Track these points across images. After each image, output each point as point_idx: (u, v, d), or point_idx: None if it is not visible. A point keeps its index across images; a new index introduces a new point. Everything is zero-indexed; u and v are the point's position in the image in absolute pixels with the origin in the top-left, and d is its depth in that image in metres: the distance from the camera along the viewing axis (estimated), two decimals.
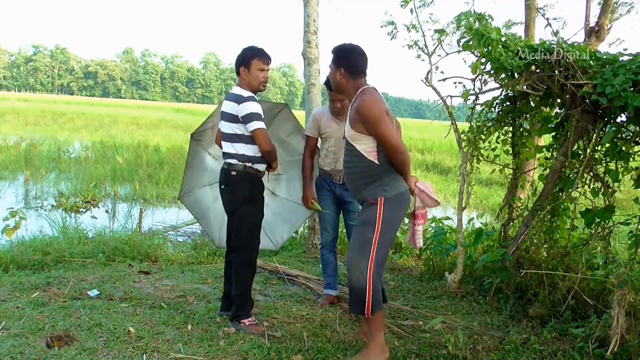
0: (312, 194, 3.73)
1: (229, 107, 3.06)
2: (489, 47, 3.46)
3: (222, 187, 3.16)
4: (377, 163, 2.65)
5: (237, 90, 3.08)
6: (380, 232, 2.63)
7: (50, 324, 2.93)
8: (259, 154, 3.10)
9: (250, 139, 3.04)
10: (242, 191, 3.08)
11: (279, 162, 3.33)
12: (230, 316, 3.20)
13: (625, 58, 3.27)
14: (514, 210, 4.33)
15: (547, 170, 3.93)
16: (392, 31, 4.09)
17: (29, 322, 2.96)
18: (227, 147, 3.10)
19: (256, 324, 3.16)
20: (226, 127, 3.08)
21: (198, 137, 3.73)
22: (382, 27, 4.13)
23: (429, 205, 2.83)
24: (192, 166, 3.80)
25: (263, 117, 3.05)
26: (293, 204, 4.04)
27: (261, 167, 3.15)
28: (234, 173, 3.07)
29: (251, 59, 3.08)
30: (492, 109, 4.10)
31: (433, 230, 5.49)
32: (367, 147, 2.64)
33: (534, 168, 4.86)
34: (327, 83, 3.40)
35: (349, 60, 2.70)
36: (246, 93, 3.04)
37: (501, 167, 4.31)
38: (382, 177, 2.67)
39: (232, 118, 3.03)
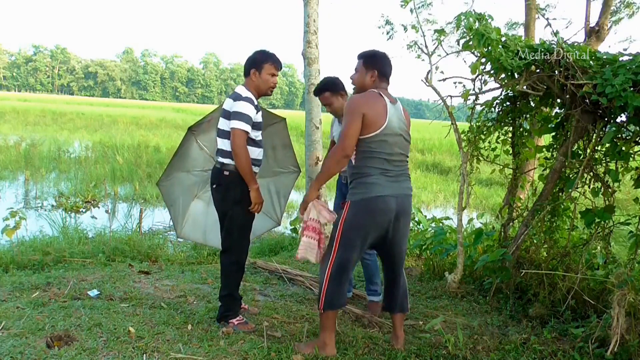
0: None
1: (227, 104, 3.05)
2: (489, 47, 3.46)
3: (214, 186, 3.13)
4: (353, 164, 2.74)
5: (239, 89, 3.07)
6: (342, 235, 2.70)
7: (50, 324, 2.93)
8: (253, 155, 3.08)
9: (247, 139, 3.03)
10: (234, 192, 3.05)
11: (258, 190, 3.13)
12: (218, 317, 3.19)
13: (625, 58, 3.26)
14: (514, 210, 4.33)
15: (547, 170, 3.93)
16: (389, 32, 4.10)
17: (29, 322, 2.96)
18: (222, 144, 3.07)
19: (245, 322, 3.15)
20: (222, 124, 3.06)
21: (193, 129, 3.77)
22: (379, 28, 4.14)
23: (326, 219, 2.73)
24: (178, 154, 3.84)
25: (254, 121, 3.01)
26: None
27: (254, 168, 3.13)
28: (226, 173, 3.04)
29: (264, 62, 3.08)
30: (492, 109, 4.10)
31: (433, 231, 5.50)
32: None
33: (534, 168, 4.86)
34: (316, 92, 3.58)
35: (383, 66, 2.82)
36: (246, 93, 3.03)
37: (501, 167, 4.31)
38: (355, 179, 2.73)
39: (228, 115, 3.02)
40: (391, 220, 2.74)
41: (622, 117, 3.36)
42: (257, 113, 3.05)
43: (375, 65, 2.80)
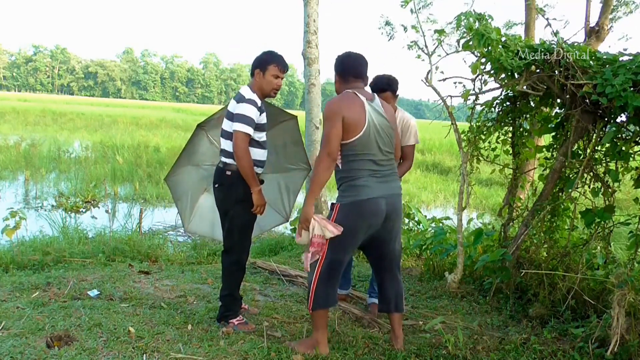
0: None
1: (232, 105, 3.06)
2: (489, 47, 3.46)
3: (216, 185, 3.14)
4: (340, 167, 2.72)
5: (243, 90, 3.08)
6: (330, 239, 2.69)
7: (50, 324, 2.93)
8: (257, 157, 3.09)
9: (251, 141, 3.04)
10: (236, 191, 3.06)
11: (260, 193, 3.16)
12: (218, 316, 3.19)
13: (625, 58, 3.26)
14: (514, 210, 4.33)
15: (547, 170, 3.93)
16: (389, 32, 4.10)
17: (29, 322, 2.96)
18: (226, 145, 3.08)
19: (245, 322, 3.15)
20: (227, 125, 3.07)
21: (203, 125, 3.76)
22: (379, 28, 4.13)
23: (333, 233, 2.67)
24: (187, 148, 3.82)
25: (257, 123, 3.02)
26: (267, 207, 4.04)
27: (257, 169, 3.13)
28: (229, 173, 3.05)
29: (268, 64, 3.07)
30: (492, 109, 4.10)
31: (433, 231, 5.50)
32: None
33: (534, 168, 4.86)
34: (377, 89, 3.37)
35: (342, 65, 2.85)
36: (249, 95, 3.02)
37: (501, 167, 4.31)
38: (343, 182, 2.73)
39: (231, 116, 3.03)
40: (382, 221, 2.75)
41: (622, 117, 3.36)
42: (260, 115, 3.04)
43: (338, 68, 2.85)
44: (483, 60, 3.62)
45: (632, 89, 2.98)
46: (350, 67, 2.82)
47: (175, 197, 3.98)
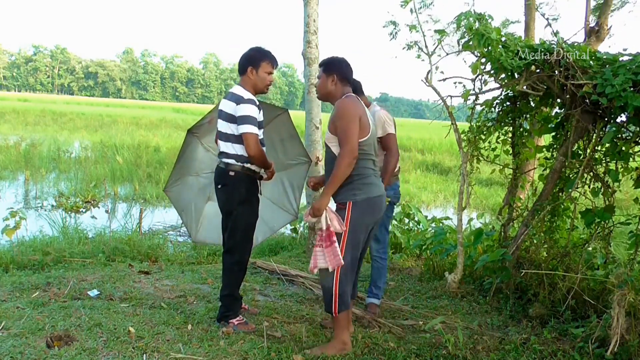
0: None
1: (228, 107, 3.04)
2: (489, 47, 3.46)
3: (219, 186, 3.14)
4: None
5: (237, 90, 3.07)
6: (349, 236, 2.74)
7: (50, 324, 2.93)
8: None
9: None
10: (240, 192, 3.07)
11: (273, 168, 3.31)
12: (218, 316, 3.19)
13: (625, 58, 3.27)
14: (514, 210, 4.33)
15: (547, 170, 3.93)
16: (393, 31, 4.10)
17: (29, 322, 2.96)
18: (225, 147, 3.08)
19: (245, 322, 3.16)
20: (225, 127, 3.06)
21: (194, 131, 3.74)
22: (384, 27, 4.14)
23: (337, 229, 2.71)
24: (183, 157, 3.81)
25: (258, 121, 3.04)
26: (274, 207, 4.04)
27: (258, 168, 3.15)
28: (232, 173, 3.05)
29: (261, 60, 3.10)
30: (492, 109, 4.11)
31: (433, 231, 5.50)
32: (339, 148, 2.76)
33: (534, 168, 4.87)
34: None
35: (341, 69, 2.92)
36: (247, 95, 3.03)
37: (501, 167, 4.31)
38: (352, 180, 2.75)
39: (231, 118, 3.02)
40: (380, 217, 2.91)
41: (622, 117, 3.36)
42: (259, 112, 3.08)
43: (332, 69, 2.90)
44: (483, 60, 3.62)
45: (632, 89, 2.99)
46: (346, 70, 2.93)
47: (178, 209, 3.96)
